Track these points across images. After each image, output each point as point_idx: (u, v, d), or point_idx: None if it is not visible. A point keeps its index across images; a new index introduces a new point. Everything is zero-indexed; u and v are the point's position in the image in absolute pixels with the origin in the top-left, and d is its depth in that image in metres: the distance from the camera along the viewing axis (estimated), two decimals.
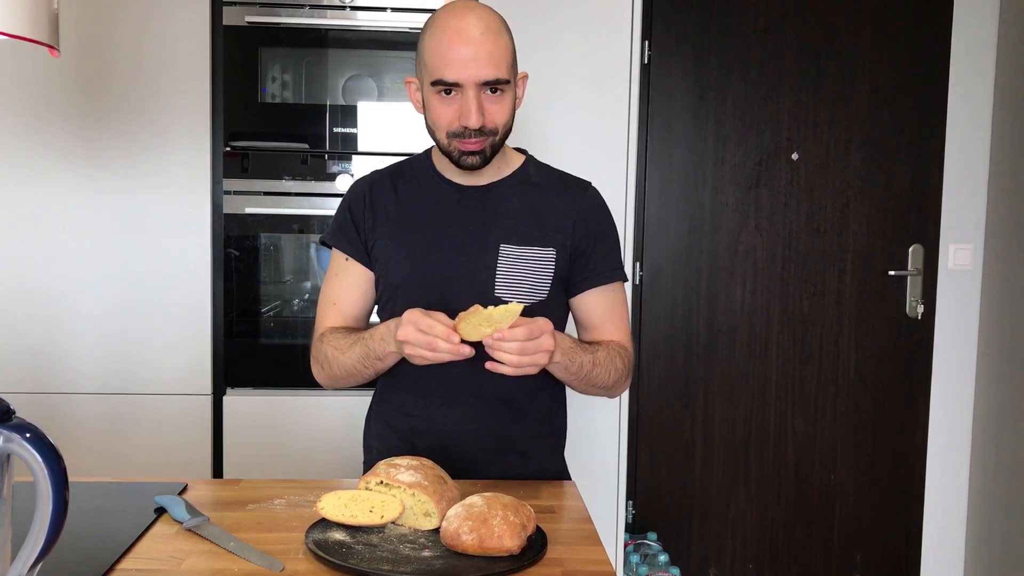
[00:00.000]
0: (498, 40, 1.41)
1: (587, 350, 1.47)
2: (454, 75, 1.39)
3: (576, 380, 1.47)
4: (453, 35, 1.39)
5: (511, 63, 1.44)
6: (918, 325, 3.06)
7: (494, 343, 1.29)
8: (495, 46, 1.40)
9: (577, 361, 1.44)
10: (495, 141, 1.45)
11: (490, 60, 1.39)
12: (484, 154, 1.45)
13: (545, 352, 1.31)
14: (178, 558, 1.14)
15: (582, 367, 1.45)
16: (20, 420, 0.84)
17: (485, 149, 1.45)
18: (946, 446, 3.10)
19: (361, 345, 1.45)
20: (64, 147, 2.33)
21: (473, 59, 1.38)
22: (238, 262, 2.41)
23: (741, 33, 2.95)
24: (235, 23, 2.35)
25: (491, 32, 1.40)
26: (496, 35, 1.41)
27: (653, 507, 3.05)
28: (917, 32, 2.97)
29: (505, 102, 1.44)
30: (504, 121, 1.45)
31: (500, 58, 1.40)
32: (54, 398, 2.35)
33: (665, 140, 2.98)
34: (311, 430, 2.39)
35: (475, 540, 1.12)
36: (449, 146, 1.45)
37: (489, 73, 1.39)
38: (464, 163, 1.46)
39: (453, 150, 1.45)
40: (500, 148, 1.49)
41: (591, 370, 1.46)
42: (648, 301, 3.00)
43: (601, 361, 1.48)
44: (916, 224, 3.03)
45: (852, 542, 3.09)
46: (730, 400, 3.04)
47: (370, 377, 1.51)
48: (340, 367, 1.49)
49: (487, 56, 1.39)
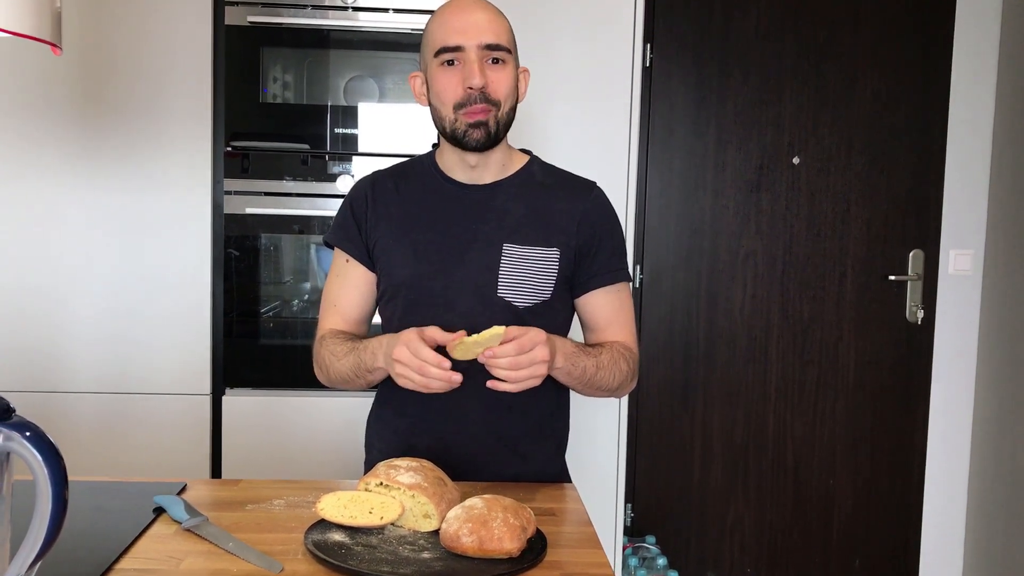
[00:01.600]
0: (498, 16, 1.48)
1: (590, 354, 1.46)
2: (456, 39, 1.43)
3: (580, 384, 1.47)
4: (455, 7, 1.47)
5: (511, 40, 1.49)
6: (918, 330, 3.06)
7: (487, 361, 1.30)
8: (494, 18, 1.47)
9: (580, 366, 1.43)
10: (499, 115, 1.46)
11: (490, 26, 1.45)
12: (488, 127, 1.45)
13: (541, 363, 1.31)
14: (177, 558, 1.13)
15: (585, 371, 1.44)
16: (20, 419, 0.84)
17: (489, 121, 1.45)
18: (945, 452, 3.10)
19: (354, 356, 1.46)
20: (65, 146, 2.33)
21: (474, 24, 1.44)
22: (238, 262, 2.41)
23: (742, 37, 2.96)
24: (237, 23, 2.35)
25: (491, 9, 1.48)
26: (496, 14, 1.48)
27: (652, 510, 3.05)
28: (918, 37, 2.98)
29: (507, 73, 1.46)
30: (506, 93, 1.46)
31: (500, 28, 1.46)
32: (54, 397, 2.35)
33: (666, 144, 2.99)
34: (310, 431, 2.39)
35: (475, 542, 1.12)
36: (455, 122, 1.46)
37: (490, 37, 1.44)
38: (470, 139, 1.45)
39: (459, 126, 1.45)
40: (503, 131, 1.49)
41: (595, 374, 1.46)
42: (648, 304, 3.00)
43: (605, 364, 1.47)
44: (916, 229, 3.04)
45: (851, 547, 3.08)
46: (729, 404, 3.04)
47: (363, 386, 1.52)
48: (335, 373, 1.51)
49: (488, 23, 1.45)
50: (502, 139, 1.50)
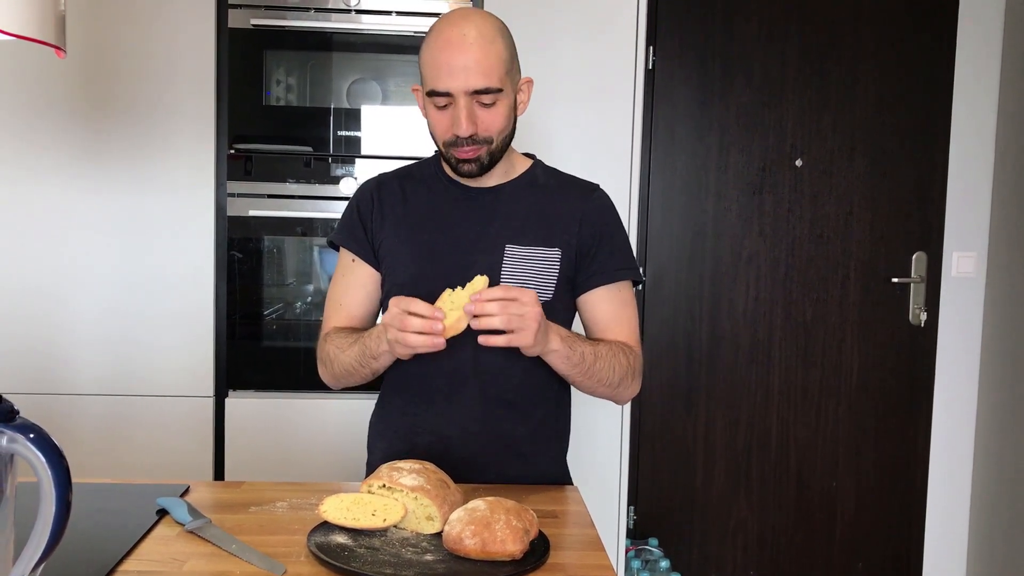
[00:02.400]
0: (490, 49, 1.41)
1: (588, 341, 1.47)
2: (444, 85, 1.41)
3: (579, 373, 1.46)
4: (444, 45, 1.41)
5: (505, 71, 1.44)
6: (921, 333, 3.05)
7: (475, 308, 1.29)
8: (485, 55, 1.40)
9: (578, 350, 1.43)
10: (491, 149, 1.47)
11: (479, 69, 1.40)
12: (480, 162, 1.47)
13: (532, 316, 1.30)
14: (180, 560, 1.14)
15: (584, 358, 1.44)
16: (24, 421, 0.84)
17: (481, 157, 1.46)
18: (948, 454, 3.10)
19: (359, 344, 1.47)
20: (68, 148, 2.33)
21: (462, 69, 1.40)
22: (241, 264, 2.41)
23: (745, 39, 2.96)
24: (240, 26, 2.35)
25: (483, 40, 1.41)
26: (489, 43, 1.42)
27: (655, 513, 3.04)
28: (921, 39, 2.97)
29: (499, 110, 1.45)
30: (499, 129, 1.46)
31: (491, 67, 1.41)
32: (57, 399, 2.35)
33: (669, 146, 2.99)
34: (313, 433, 2.39)
35: (478, 544, 1.12)
36: (447, 154, 1.48)
37: (478, 82, 1.40)
38: (461, 171, 1.49)
39: (451, 158, 1.48)
40: (500, 155, 1.50)
41: (593, 362, 1.45)
42: (651, 307, 3.00)
43: (603, 354, 1.46)
44: (920, 231, 3.03)
45: (854, 549, 3.08)
46: (732, 406, 3.04)
47: (368, 377, 1.52)
48: (340, 366, 1.52)
49: (476, 65, 1.40)
50: (498, 162, 1.50)
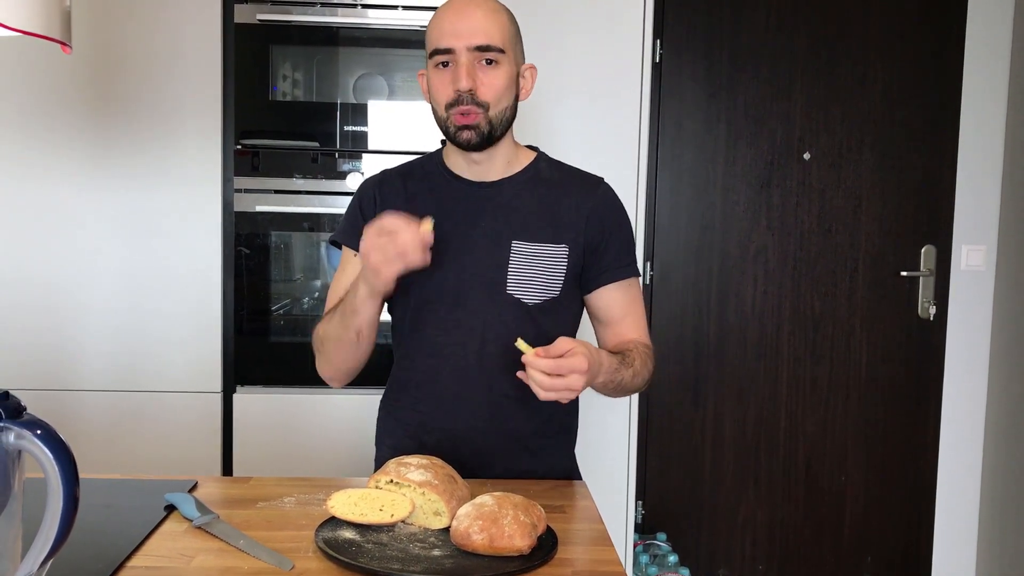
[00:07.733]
0: (494, 16, 1.46)
1: (627, 364, 1.46)
2: (447, 41, 1.43)
3: (611, 391, 1.48)
4: (451, 8, 1.47)
5: (508, 39, 1.47)
6: (930, 326, 3.04)
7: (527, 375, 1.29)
8: (488, 18, 1.45)
9: (617, 379, 1.44)
10: (491, 117, 1.45)
11: (482, 28, 1.44)
12: (479, 130, 1.45)
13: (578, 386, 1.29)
14: (188, 555, 1.14)
15: (622, 383, 1.46)
16: (31, 416, 0.84)
17: (479, 124, 1.45)
18: (957, 447, 3.09)
19: (340, 306, 1.48)
20: (75, 144, 2.33)
21: (466, 27, 1.43)
22: (248, 260, 2.41)
23: (753, 32, 2.94)
24: (246, 21, 2.35)
25: (488, 8, 1.46)
26: (493, 12, 1.46)
27: (663, 507, 3.04)
28: (930, 31, 2.96)
29: (499, 74, 1.45)
30: (497, 95, 1.45)
31: (494, 29, 1.44)
32: (64, 395, 2.35)
33: (676, 139, 2.98)
34: (321, 428, 2.39)
35: (485, 539, 1.11)
36: (448, 121, 1.47)
37: (481, 38, 1.43)
38: (460, 139, 1.46)
39: (451, 125, 1.47)
40: (500, 131, 1.48)
41: (630, 381, 1.47)
42: (658, 301, 2.99)
43: (639, 371, 1.49)
44: (929, 225, 3.02)
45: (862, 543, 3.07)
46: (740, 400, 3.03)
47: (353, 340, 1.47)
48: (328, 340, 1.51)
49: (479, 24, 1.44)
50: (499, 138, 1.49)
